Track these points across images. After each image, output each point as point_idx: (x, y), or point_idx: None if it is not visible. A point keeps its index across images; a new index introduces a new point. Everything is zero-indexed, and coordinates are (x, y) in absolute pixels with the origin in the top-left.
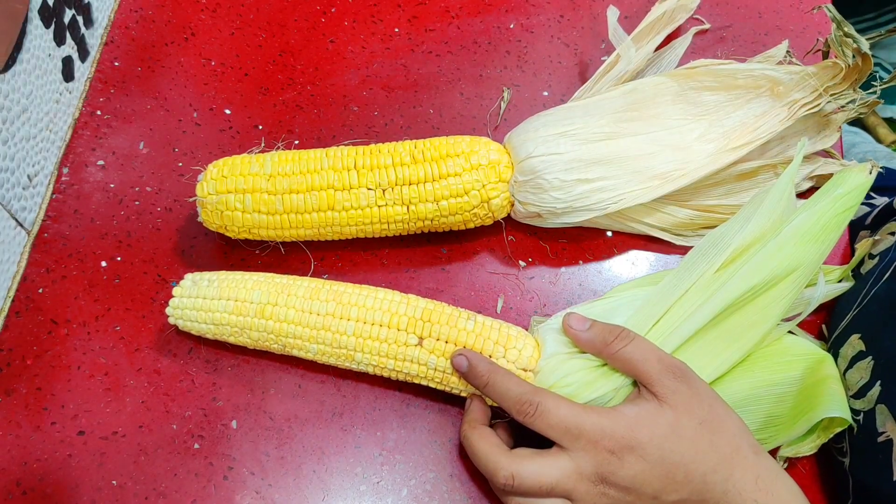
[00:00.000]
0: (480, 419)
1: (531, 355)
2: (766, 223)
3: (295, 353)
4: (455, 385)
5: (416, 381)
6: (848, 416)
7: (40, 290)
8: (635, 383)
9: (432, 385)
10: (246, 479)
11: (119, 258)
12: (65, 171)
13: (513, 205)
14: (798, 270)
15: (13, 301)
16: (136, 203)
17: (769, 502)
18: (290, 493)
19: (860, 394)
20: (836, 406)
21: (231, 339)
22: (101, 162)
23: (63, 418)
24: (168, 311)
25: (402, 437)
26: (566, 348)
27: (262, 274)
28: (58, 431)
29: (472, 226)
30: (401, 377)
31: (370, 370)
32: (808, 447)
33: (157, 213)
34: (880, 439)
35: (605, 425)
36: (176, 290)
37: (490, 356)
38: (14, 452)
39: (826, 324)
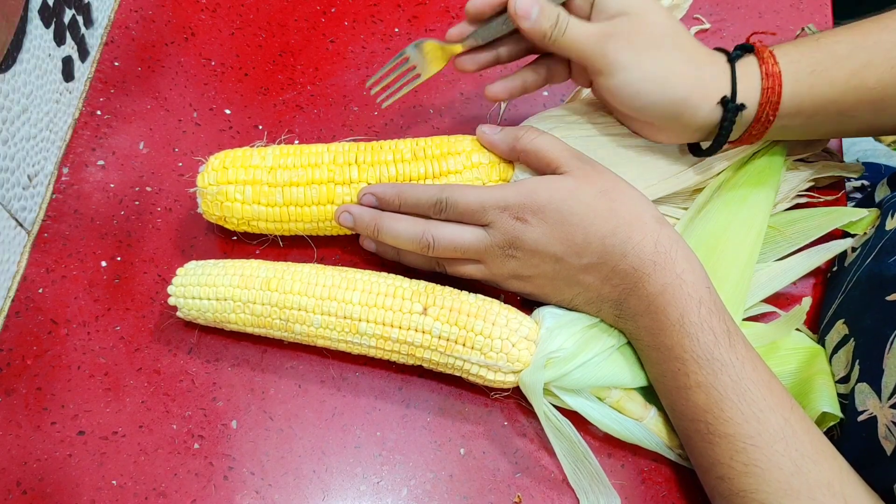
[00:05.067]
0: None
1: (532, 327)
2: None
3: (297, 328)
4: (459, 354)
5: (419, 356)
6: (837, 411)
7: (40, 290)
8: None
9: (434, 359)
10: (246, 479)
11: (119, 258)
12: (65, 171)
13: None
14: (739, 220)
15: (13, 301)
16: (136, 203)
17: (666, 265)
18: (290, 493)
19: (845, 378)
20: (826, 401)
21: (232, 318)
22: (101, 162)
23: (63, 418)
24: (170, 289)
25: (402, 437)
26: (563, 320)
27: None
28: (58, 431)
29: None
30: (404, 352)
31: (374, 343)
32: None
33: (157, 213)
34: (861, 418)
35: (508, 195)
36: (180, 271)
37: (493, 323)
38: (14, 452)
39: (816, 317)
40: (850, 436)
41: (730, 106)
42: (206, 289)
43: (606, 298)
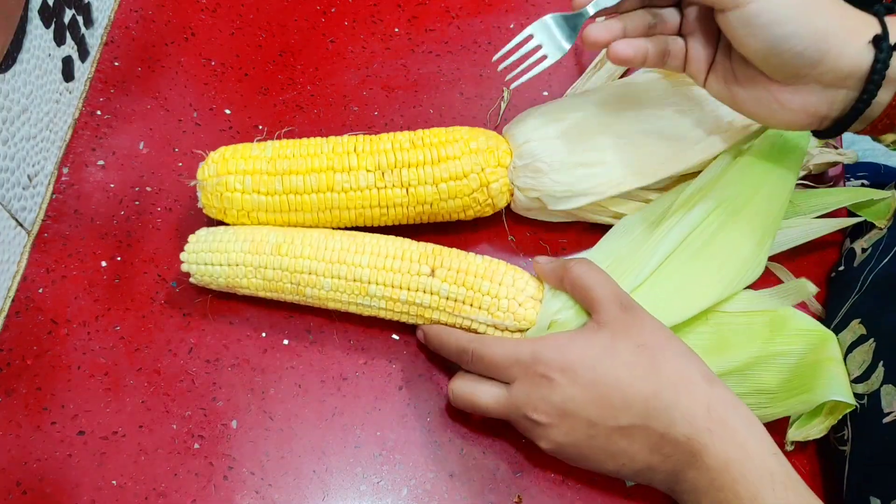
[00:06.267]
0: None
1: (537, 286)
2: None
3: (308, 292)
4: (467, 314)
5: (427, 317)
6: (851, 398)
7: (40, 290)
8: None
9: (442, 319)
10: (246, 479)
11: (119, 258)
12: (65, 171)
13: (512, 194)
14: (766, 187)
15: (13, 301)
16: (136, 203)
17: (725, 434)
18: (290, 493)
19: (863, 377)
20: (838, 389)
21: (244, 283)
22: (101, 162)
23: (63, 418)
24: (183, 256)
25: (402, 437)
26: None
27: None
28: (58, 431)
29: (471, 213)
30: (412, 313)
31: (383, 305)
32: (818, 430)
33: (157, 213)
34: (886, 420)
35: (537, 350)
36: (192, 237)
37: (500, 283)
38: (14, 452)
39: (822, 315)
40: (873, 436)
41: (883, 45)
42: (217, 255)
43: (659, 469)
